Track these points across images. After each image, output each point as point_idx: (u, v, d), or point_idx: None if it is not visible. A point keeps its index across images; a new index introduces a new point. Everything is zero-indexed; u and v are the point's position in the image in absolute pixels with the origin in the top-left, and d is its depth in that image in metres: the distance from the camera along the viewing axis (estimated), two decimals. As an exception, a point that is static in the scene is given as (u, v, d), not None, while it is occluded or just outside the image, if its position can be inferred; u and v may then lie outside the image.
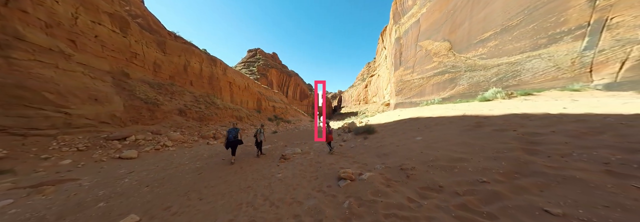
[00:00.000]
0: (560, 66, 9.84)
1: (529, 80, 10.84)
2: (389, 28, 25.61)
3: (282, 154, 6.22)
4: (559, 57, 9.90)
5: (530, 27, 11.15)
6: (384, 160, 3.80)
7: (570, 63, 9.53)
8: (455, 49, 15.09)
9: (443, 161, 2.93)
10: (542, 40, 10.62)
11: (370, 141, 5.71)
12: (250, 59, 65.74)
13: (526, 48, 11.23)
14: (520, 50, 11.48)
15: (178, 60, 18.30)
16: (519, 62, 11.42)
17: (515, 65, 11.52)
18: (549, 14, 10.51)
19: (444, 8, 16.24)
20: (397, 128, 6.32)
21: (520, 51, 11.47)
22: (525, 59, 11.16)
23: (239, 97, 25.13)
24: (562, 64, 9.77)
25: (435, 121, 5.52)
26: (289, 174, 4.47)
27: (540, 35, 10.74)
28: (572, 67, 9.43)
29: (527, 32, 11.27)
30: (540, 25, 10.78)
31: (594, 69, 8.82)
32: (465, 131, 3.97)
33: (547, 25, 10.50)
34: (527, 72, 10.93)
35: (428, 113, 7.41)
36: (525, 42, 11.30)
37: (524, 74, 11.03)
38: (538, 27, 10.85)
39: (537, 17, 10.94)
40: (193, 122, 12.99)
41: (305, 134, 13.56)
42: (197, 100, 16.57)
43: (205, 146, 9.45)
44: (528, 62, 11.01)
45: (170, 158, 7.22)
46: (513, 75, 11.53)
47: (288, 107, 40.12)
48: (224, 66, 23.92)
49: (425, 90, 16.37)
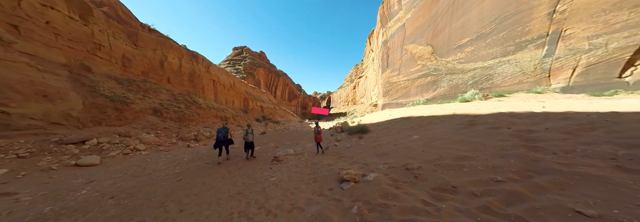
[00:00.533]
0: (525, 71, 10.89)
1: (500, 84, 11.82)
2: (376, 31, 26.38)
3: (274, 155, 5.77)
4: (524, 63, 10.96)
5: (501, 35, 12.20)
6: (385, 160, 3.65)
7: (533, 68, 10.60)
8: (437, 53, 15.92)
9: (448, 159, 2.86)
10: (511, 47, 11.66)
11: (365, 141, 5.58)
12: (235, 57, 62.55)
13: (497, 54, 12.26)
14: (492, 56, 12.49)
15: (153, 55, 16.40)
16: (491, 66, 12.42)
17: (489, 70, 12.51)
18: (516, 24, 11.59)
19: (427, 14, 17.08)
20: (390, 127, 6.31)
21: (492, 57, 12.48)
22: (496, 64, 12.17)
23: (224, 97, 23.47)
24: (527, 69, 10.84)
25: (427, 120, 5.61)
26: (285, 177, 4.08)
27: (509, 42, 11.79)
28: (535, 72, 10.50)
29: (498, 40, 12.30)
30: (508, 34, 11.84)
31: (552, 74, 9.93)
32: (461, 129, 4.03)
33: (515, 34, 11.57)
34: (498, 76, 11.94)
35: (418, 113, 7.59)
36: (497, 49, 12.33)
37: (496, 78, 12.03)
38: (507, 36, 11.90)
39: (507, 26, 12.00)
40: (171, 122, 11.64)
41: (296, 134, 13.07)
42: (176, 99, 14.99)
43: (186, 149, 8.48)
44: (499, 67, 12.02)
45: (143, 164, 6.26)
46: (486, 79, 12.50)
47: (277, 107, 38.85)
48: (207, 63, 22.16)
49: (410, 91, 17.04)
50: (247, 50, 65.36)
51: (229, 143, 5.86)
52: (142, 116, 10.49)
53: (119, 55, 13.96)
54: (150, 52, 16.29)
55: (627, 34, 8.23)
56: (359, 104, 52.24)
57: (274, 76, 66.52)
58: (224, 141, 5.67)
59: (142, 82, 13.84)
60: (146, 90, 13.40)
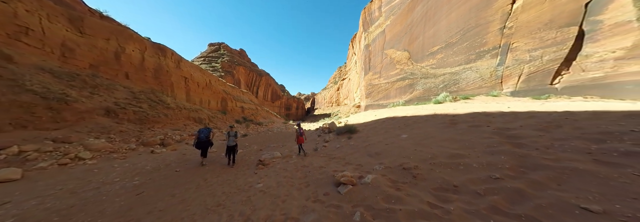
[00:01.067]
0: (483, 77, 12.41)
1: (464, 88, 13.23)
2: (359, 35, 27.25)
3: (259, 159, 5.24)
4: (482, 70, 12.47)
5: (465, 45, 13.69)
6: (379, 160, 3.55)
7: (489, 75, 12.13)
8: (413, 59, 17.08)
9: (442, 157, 2.87)
10: (472, 56, 13.17)
11: (355, 141, 5.48)
12: (212, 53, 57.37)
13: (462, 61, 13.72)
14: (458, 63, 13.93)
15: (105, 45, 13.71)
16: (457, 72, 13.83)
17: (455, 75, 13.91)
18: (476, 35, 13.15)
19: (404, 22, 18.24)
20: (377, 127, 6.37)
21: (458, 64, 13.91)
22: (461, 70, 13.61)
23: (198, 96, 21.03)
24: (485, 75, 12.35)
25: (411, 120, 5.81)
26: (273, 183, 3.67)
27: (471, 52, 13.29)
28: (491, 78, 12.02)
29: (463, 49, 13.77)
30: (471, 44, 13.36)
31: (503, 81, 11.50)
32: (445, 127, 4.22)
33: (475, 44, 13.09)
34: (463, 81, 13.36)
35: (402, 113, 7.88)
36: (462, 57, 13.79)
37: (461, 83, 13.44)
38: (469, 46, 13.42)
39: (469, 37, 13.52)
40: (129, 125, 9.76)
41: (281, 136, 12.35)
42: (137, 97, 12.73)
43: (149, 156, 7.17)
44: (464, 73, 13.46)
45: (87, 175, 5.01)
46: (454, 83, 13.88)
47: (259, 108, 36.70)
48: (178, 58, 19.59)
49: (390, 93, 17.92)
50: (225, 47, 60.71)
51: (208, 145, 5.47)
52: (89, 118, 8.57)
53: (57, 43, 11.30)
54: (102, 42, 13.65)
55: (555, 49, 9.95)
56: (342, 105, 53.28)
57: (255, 76, 63.19)
58: (206, 142, 5.36)
59: (90, 77, 11.42)
60: (95, 86, 11.08)
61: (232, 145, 5.12)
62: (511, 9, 11.87)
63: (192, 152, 7.82)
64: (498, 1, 12.39)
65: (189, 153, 7.58)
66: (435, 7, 15.96)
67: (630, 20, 7.62)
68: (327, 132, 8.23)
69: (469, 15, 13.83)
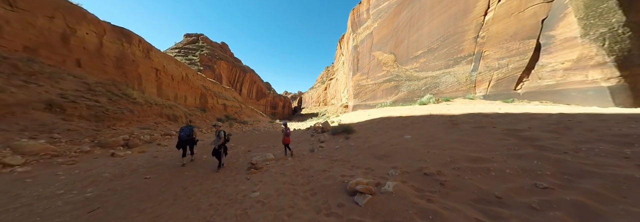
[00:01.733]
0: (460, 81, 13.24)
1: (443, 91, 13.97)
2: (347, 36, 27.03)
3: (251, 162, 4.46)
4: (459, 75, 13.30)
5: (444, 51, 14.42)
6: (391, 163, 3.18)
7: (464, 80, 12.99)
8: (398, 61, 17.47)
9: (463, 161, 2.61)
10: (451, 61, 13.94)
11: (354, 141, 5.07)
12: (188, 45, 51.24)
13: (442, 66, 14.45)
14: (438, 68, 14.63)
15: (47, 24, 10.74)
16: (438, 76, 14.55)
17: (436, 79, 14.61)
18: (454, 42, 13.92)
19: (391, 26, 18.52)
20: (374, 127, 6.09)
21: (438, 68, 14.62)
22: (441, 74, 14.34)
23: (172, 91, 18.25)
24: (461, 80, 13.19)
25: (408, 120, 5.66)
26: (271, 191, 3.04)
27: (449, 57, 14.06)
28: (466, 82, 12.89)
29: (443, 54, 14.49)
30: (449, 51, 14.11)
31: (477, 85, 12.42)
32: (447, 128, 4.08)
33: (453, 51, 13.87)
34: (443, 84, 14.10)
35: (396, 113, 7.77)
36: (442, 62, 14.51)
37: (441, 86, 14.18)
38: (448, 52, 14.16)
39: (448, 44, 14.25)
40: (81, 122, 7.72)
41: (269, 136, 11.29)
42: (92, 89, 10.29)
43: (108, 159, 5.71)
44: (443, 77, 14.20)
45: (15, 188, 3.59)
46: (434, 86, 14.57)
47: (243, 106, 33.94)
48: (147, 46, 16.62)
49: (377, 94, 18.14)
50: (204, 38, 54.94)
51: (193, 143, 5.11)
52: (22, 113, 6.50)
53: (-29, 14, 8.46)
54: (43, 20, 10.71)
55: (518, 58, 10.95)
56: (330, 105, 53.09)
57: (239, 72, 58.74)
58: (187, 141, 4.91)
59: (23, 62, 8.82)
60: (32, 74, 8.56)
61: (221, 145, 4.43)
62: (484, 20, 12.77)
63: (166, 154, 6.54)
64: (473, 12, 13.24)
65: (162, 155, 6.31)
66: (419, 14, 16.49)
67: (576, 36, 8.67)
68: (320, 132, 7.71)
69: (448, 23, 14.55)
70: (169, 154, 6.64)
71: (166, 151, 7.22)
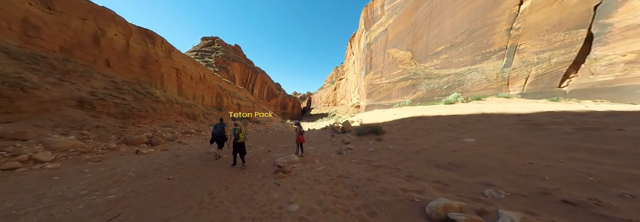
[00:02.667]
0: (489, 79, 11.92)
1: (469, 89, 12.72)
2: (358, 34, 26.04)
3: (278, 164, 4.00)
4: (488, 72, 11.97)
5: (470, 46, 13.11)
6: (471, 176, 2.42)
7: (495, 77, 11.66)
8: (416, 59, 16.33)
9: (625, 182, 1.80)
10: (478, 57, 12.62)
11: (391, 143, 4.42)
12: (205, 48, 53.12)
13: (467, 62, 13.16)
14: (463, 64, 13.36)
15: (81, 26, 11.25)
16: (462, 73, 13.28)
17: (460, 76, 13.35)
18: (482, 36, 12.57)
19: (407, 21, 17.35)
20: (409, 127, 5.39)
21: (463, 65, 13.35)
22: (466, 71, 13.07)
23: (190, 90, 18.71)
24: (490, 77, 11.86)
25: (454, 120, 4.84)
26: (313, 204, 2.50)
27: (476, 52, 12.73)
28: (497, 80, 11.56)
29: (468, 50, 13.18)
30: (476, 45, 12.78)
31: (510, 83, 11.07)
32: (528, 130, 3.23)
33: (481, 45, 12.53)
34: (468, 82, 12.83)
35: (430, 112, 6.93)
36: (467, 58, 13.22)
37: (466, 84, 12.92)
38: (475, 46, 12.84)
39: (475, 38, 12.93)
40: (109, 119, 7.87)
41: (284, 136, 10.86)
42: (119, 87, 10.60)
43: (132, 157, 5.59)
44: (469, 74, 12.92)
45: (42, 186, 3.48)
46: (458, 84, 13.34)
47: (255, 106, 34.38)
48: (168, 47, 17.10)
49: (392, 93, 17.16)
50: (219, 41, 56.57)
51: (224, 139, 5.42)
52: (56, 109, 6.65)
53: (16, 17, 8.91)
54: (77, 22, 11.20)
55: (563, 51, 9.50)
56: (339, 105, 52.14)
57: (251, 72, 59.77)
58: (219, 137, 5.30)
59: (60, 62, 9.19)
60: (66, 72, 8.90)
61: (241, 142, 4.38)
62: (519, 10, 11.31)
63: (187, 153, 6.37)
64: (505, 2, 11.79)
65: (184, 154, 6.12)
66: (440, 7, 15.17)
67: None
68: (341, 132, 7.12)
69: (475, 15, 13.18)
70: (190, 152, 6.46)
71: (187, 149, 7.08)
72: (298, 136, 4.94)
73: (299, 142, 4.96)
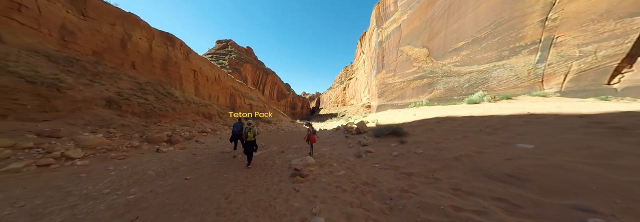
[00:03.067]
0: (519, 76, 10.72)
1: (495, 87, 11.56)
2: (369, 33, 25.17)
3: (294, 167, 3.74)
4: (518, 68, 10.77)
5: (496, 40, 11.91)
6: (549, 196, 1.81)
7: (526, 73, 10.44)
8: (433, 56, 15.31)
9: None
10: (505, 52, 11.41)
11: (419, 147, 3.95)
12: (219, 50, 55.18)
13: (492, 58, 11.97)
14: (487, 60, 12.18)
15: (110, 31, 12.02)
16: (486, 70, 12.12)
17: (484, 73, 12.20)
18: (510, 29, 11.34)
19: (423, 17, 16.32)
20: (436, 129, 4.84)
21: (487, 61, 12.17)
22: (491, 68, 11.89)
23: (206, 91, 19.37)
24: (521, 74, 10.65)
25: (492, 121, 4.18)
26: (339, 217, 2.20)
27: (503, 47, 11.53)
28: (528, 77, 10.35)
29: (493, 44, 11.99)
30: (503, 39, 11.57)
31: (545, 80, 9.83)
32: (608, 135, 2.55)
33: (509, 39, 11.31)
34: (494, 79, 11.67)
35: (457, 112, 6.23)
36: (492, 53, 12.03)
37: (491, 82, 11.76)
38: (502, 41, 11.63)
39: (501, 31, 11.71)
40: (133, 118, 8.25)
41: (296, 136, 10.64)
42: (142, 88, 11.16)
43: (153, 155, 5.70)
44: (494, 71, 11.75)
45: (70, 183, 3.56)
46: (482, 82, 12.20)
47: (266, 106, 34.98)
48: (187, 49, 17.82)
49: (405, 93, 16.27)
50: (232, 44, 58.39)
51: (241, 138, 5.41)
52: (86, 108, 7.05)
53: (56, 24, 9.64)
54: (107, 27, 11.93)
55: (614, 43, 8.18)
56: (348, 105, 51.18)
57: (262, 74, 61.00)
58: (238, 135, 5.37)
59: (92, 64, 9.82)
60: (97, 74, 9.49)
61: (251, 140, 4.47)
62: (556, -2, 9.92)
63: (203, 152, 6.38)
64: (539, -10, 10.44)
65: (200, 153, 6.13)
66: (460, 0, 13.96)
67: None
68: (355, 133, 6.70)
69: (501, 7, 11.92)
70: (206, 151, 6.47)
71: (203, 147, 7.13)
72: (310, 135, 4.81)
73: (311, 142, 4.84)
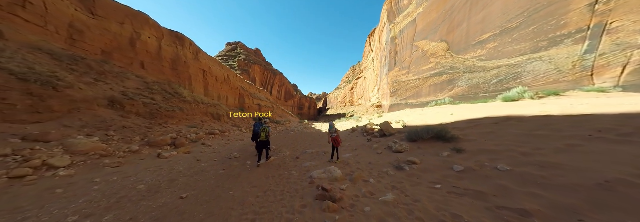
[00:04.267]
0: (561, 69, 9.05)
1: (530, 83, 9.92)
2: (379, 30, 23.61)
3: (321, 186, 2.64)
4: (560, 60, 9.10)
5: (531, 30, 10.23)
6: None
7: (571, 66, 8.77)
8: (453, 50, 13.69)
9: None
10: (543, 43, 9.74)
11: (493, 160, 2.73)
12: (229, 52, 55.21)
13: (527, 50, 10.31)
14: (520, 53, 10.53)
15: (119, 30, 11.46)
16: (519, 64, 10.48)
17: (516, 68, 10.56)
18: (549, 17, 9.63)
19: (442, 8, 14.69)
20: (498, 132, 3.57)
21: (520, 53, 10.52)
22: (526, 61, 10.25)
23: (216, 91, 18.74)
24: (563, 67, 8.98)
25: (598, 122, 2.85)
26: None
27: (540, 38, 9.85)
28: (573, 70, 8.68)
29: (528, 35, 10.32)
30: (540, 28, 9.89)
31: (596, 73, 8.14)
32: None
33: (548, 28, 9.62)
34: (528, 74, 10.03)
35: (517, 111, 4.82)
36: (526, 45, 10.37)
37: (525, 77, 10.13)
38: (538, 30, 9.95)
39: (538, 19, 10.02)
40: (137, 119, 7.48)
41: (308, 138, 9.64)
42: (150, 88, 10.51)
43: (152, 162, 4.79)
44: (529, 65, 10.10)
45: (41, 201, 2.68)
46: (513, 78, 10.57)
47: (275, 106, 34.19)
48: (196, 49, 17.21)
49: (421, 91, 14.77)
50: (241, 46, 58.30)
51: None
52: (86, 109, 6.31)
53: (63, 23, 9.08)
54: (116, 26, 11.36)
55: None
56: (357, 105, 49.41)
57: (270, 74, 60.51)
58: None
59: (97, 63, 9.18)
60: (102, 73, 8.85)
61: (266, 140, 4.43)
62: (610, -23, 8.16)
63: (209, 157, 5.45)
64: (587, -30, 8.68)
65: (205, 159, 5.20)
66: (486, -12, 12.22)
67: None
68: (379, 136, 5.51)
69: (537, -8, 10.15)
70: (212, 156, 5.52)
71: (210, 152, 6.21)
72: (335, 138, 4.12)
73: (337, 145, 4.18)
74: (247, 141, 9.04)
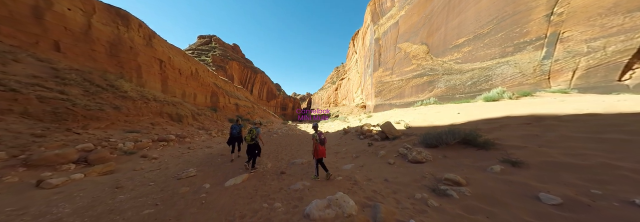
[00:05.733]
0: (524, 73, 9.79)
1: (499, 85, 10.56)
2: (362, 31, 23.29)
3: None
4: (523, 65, 9.84)
5: (499, 36, 10.92)
6: None
7: (532, 70, 9.54)
8: (432, 53, 13.96)
9: None
10: (509, 48, 10.45)
11: (587, 180, 1.67)
12: (201, 46, 47.98)
13: (496, 55, 10.97)
14: (491, 57, 11.16)
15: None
16: (490, 67, 11.10)
17: (487, 71, 11.17)
18: (514, 24, 10.39)
19: (422, 12, 14.89)
20: (545, 136, 2.65)
21: (491, 57, 11.15)
22: (495, 65, 10.89)
23: (179, 87, 15.06)
24: (526, 70, 9.73)
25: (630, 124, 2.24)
26: None
27: (507, 43, 10.56)
28: (534, 74, 9.45)
29: (497, 40, 10.99)
30: (507, 35, 10.60)
31: (552, 77, 8.97)
32: None
33: (513, 35, 10.37)
34: (498, 77, 10.67)
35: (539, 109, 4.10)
36: (495, 50, 11.02)
37: (495, 79, 10.75)
38: (505, 36, 10.65)
39: (505, 27, 10.74)
40: (24, 123, 4.46)
41: (294, 142, 8.12)
42: (60, 76, 6.96)
43: (17, 198, 2.52)
44: (498, 68, 10.75)
45: None
46: (485, 80, 11.15)
47: (255, 106, 30.57)
48: (149, 32, 13.24)
49: (404, 92, 14.76)
50: (216, 40, 51.44)
51: (241, 140, 5.00)
52: None
53: None
54: (-1, -15, 7.42)
55: (623, 37, 7.42)
56: (341, 105, 48.95)
57: (250, 72, 55.09)
58: (237, 138, 4.92)
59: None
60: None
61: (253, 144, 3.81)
62: (561, -9, 9.01)
63: (142, 179, 3.49)
64: (543, -16, 9.50)
65: (133, 184, 3.28)
66: (460, -5, 12.69)
67: None
68: (380, 139, 4.48)
69: (504, 1, 10.91)
70: (149, 177, 3.54)
71: (150, 169, 4.14)
72: (318, 147, 2.98)
73: (319, 157, 2.99)
74: (216, 148, 6.91)
